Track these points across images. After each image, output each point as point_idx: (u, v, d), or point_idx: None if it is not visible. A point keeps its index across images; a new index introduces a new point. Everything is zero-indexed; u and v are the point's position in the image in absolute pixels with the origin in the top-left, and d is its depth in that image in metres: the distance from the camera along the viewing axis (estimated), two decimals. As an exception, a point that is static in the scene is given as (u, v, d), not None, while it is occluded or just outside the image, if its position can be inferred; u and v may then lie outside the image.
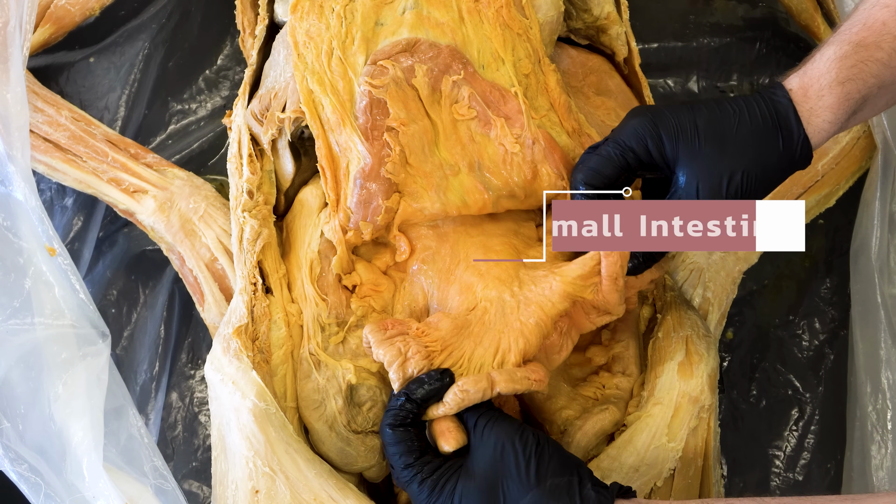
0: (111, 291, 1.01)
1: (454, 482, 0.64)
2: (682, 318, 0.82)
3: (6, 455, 0.70)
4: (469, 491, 0.63)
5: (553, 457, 0.64)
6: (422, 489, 0.65)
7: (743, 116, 0.68)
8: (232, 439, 0.73)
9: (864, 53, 0.68)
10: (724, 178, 0.68)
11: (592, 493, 0.62)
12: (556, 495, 0.61)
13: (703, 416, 0.79)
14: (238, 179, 0.84)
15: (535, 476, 0.63)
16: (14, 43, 0.87)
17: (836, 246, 1.02)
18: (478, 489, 0.63)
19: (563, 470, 0.63)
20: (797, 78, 0.70)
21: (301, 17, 0.81)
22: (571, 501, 0.61)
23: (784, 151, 0.68)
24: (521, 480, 0.62)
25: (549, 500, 0.61)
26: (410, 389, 0.68)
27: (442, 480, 0.64)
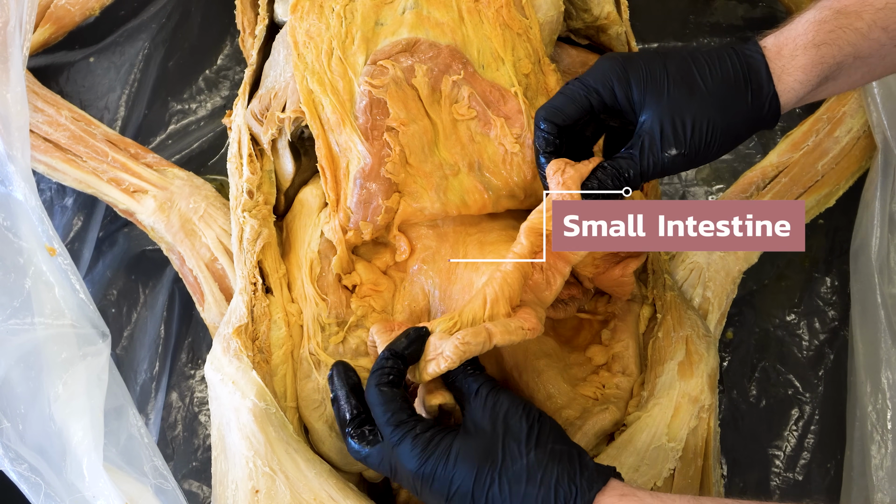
0: (111, 291, 1.01)
1: (450, 440, 0.62)
2: (682, 318, 0.82)
3: (6, 455, 0.70)
4: (467, 448, 0.61)
5: (554, 428, 0.64)
6: (416, 444, 0.62)
7: (714, 67, 0.68)
8: (232, 439, 0.73)
9: (843, 20, 0.67)
10: (688, 124, 0.67)
11: (592, 464, 0.62)
12: (557, 458, 0.61)
13: (703, 416, 0.79)
14: (238, 179, 0.84)
15: (538, 438, 0.62)
16: (14, 43, 0.87)
17: (836, 246, 1.02)
18: (475, 447, 0.61)
19: (563, 440, 0.63)
20: (773, 37, 0.69)
21: (301, 17, 0.81)
22: (571, 466, 0.60)
23: (752, 106, 0.68)
24: (522, 441, 0.61)
25: (549, 461, 0.60)
26: (393, 345, 0.66)
27: (437, 438, 0.62)
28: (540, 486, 0.60)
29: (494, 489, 0.60)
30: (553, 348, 0.81)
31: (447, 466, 0.61)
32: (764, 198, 0.93)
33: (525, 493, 0.60)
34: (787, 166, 0.95)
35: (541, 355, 0.79)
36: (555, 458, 0.61)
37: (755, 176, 0.95)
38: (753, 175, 0.95)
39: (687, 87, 0.67)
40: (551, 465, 0.60)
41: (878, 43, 0.68)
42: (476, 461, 0.61)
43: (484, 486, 0.60)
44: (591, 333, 0.83)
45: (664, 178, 1.05)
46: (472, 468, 0.61)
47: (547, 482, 0.60)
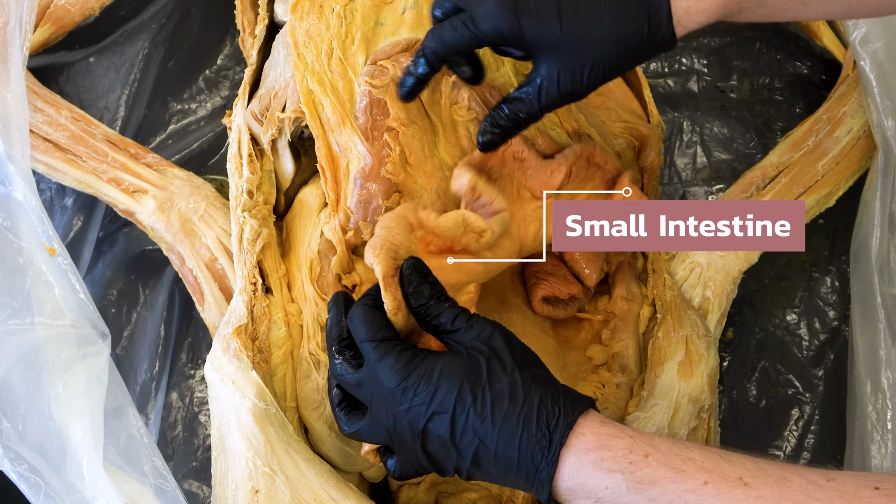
0: (111, 291, 1.01)
1: (434, 359, 0.61)
2: (682, 318, 0.82)
3: (6, 455, 0.70)
4: (450, 366, 0.60)
5: (536, 356, 0.64)
6: (398, 360, 0.61)
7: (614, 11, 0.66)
8: (232, 439, 0.73)
9: None
10: (587, 69, 0.66)
11: (573, 391, 0.61)
12: (541, 381, 0.60)
13: (703, 416, 0.79)
14: (238, 179, 0.84)
15: (522, 361, 0.61)
16: (14, 43, 0.87)
17: (836, 246, 1.02)
18: (459, 365, 0.61)
19: (546, 370, 0.63)
20: None
21: (301, 16, 0.81)
22: (555, 389, 0.60)
23: (648, 39, 0.67)
24: (507, 362, 0.61)
25: (533, 382, 0.60)
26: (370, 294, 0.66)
27: (420, 356, 0.61)
28: (523, 405, 0.59)
29: (477, 406, 0.59)
30: (553, 348, 0.81)
31: (429, 383, 0.60)
32: (764, 198, 0.93)
33: (507, 410, 0.59)
34: (787, 166, 0.95)
35: (541, 355, 0.78)
36: (538, 381, 0.60)
37: (755, 176, 0.95)
38: (753, 175, 0.95)
39: (582, 32, 0.66)
40: (535, 386, 0.60)
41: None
42: (459, 377, 0.60)
43: (465, 402, 0.59)
44: (590, 333, 0.83)
45: (664, 179, 1.06)
46: (454, 385, 0.60)
47: (530, 401, 0.59)
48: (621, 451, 0.57)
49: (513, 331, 0.78)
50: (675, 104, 1.09)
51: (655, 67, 1.11)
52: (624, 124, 0.89)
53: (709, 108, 1.09)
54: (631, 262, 0.86)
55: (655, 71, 1.11)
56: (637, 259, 0.86)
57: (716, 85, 1.10)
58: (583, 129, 0.83)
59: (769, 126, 1.08)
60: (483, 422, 0.59)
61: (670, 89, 1.10)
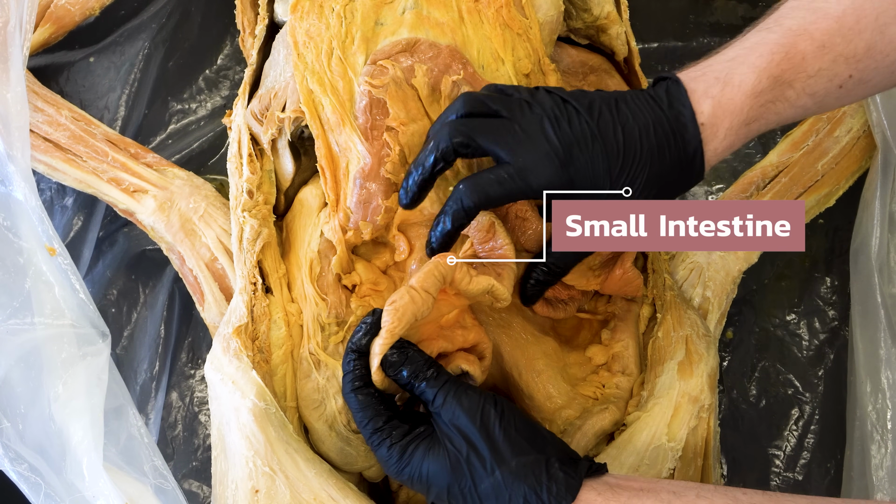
0: (111, 291, 1.01)
1: (423, 451, 0.63)
2: (682, 318, 0.82)
3: (6, 455, 0.70)
4: (436, 466, 0.63)
5: (519, 431, 0.63)
6: (391, 453, 0.64)
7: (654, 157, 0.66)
8: (232, 439, 0.73)
9: (778, 91, 0.66)
10: None
11: (560, 474, 0.61)
12: (522, 475, 0.60)
13: (703, 416, 0.79)
14: (238, 179, 0.84)
15: (503, 454, 0.62)
16: (14, 43, 0.87)
17: (836, 246, 1.02)
18: (443, 465, 0.62)
19: (529, 446, 0.62)
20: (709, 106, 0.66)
21: (301, 16, 0.81)
22: (538, 481, 0.60)
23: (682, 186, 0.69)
24: (486, 459, 0.61)
25: (513, 481, 0.60)
26: (353, 342, 0.66)
27: (411, 448, 0.64)
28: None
29: (469, 501, 0.62)
30: (553, 348, 0.81)
31: (422, 479, 0.63)
32: (764, 198, 0.93)
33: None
34: (787, 166, 0.95)
35: (540, 355, 0.79)
36: (519, 477, 0.61)
37: (755, 176, 0.95)
38: (753, 175, 0.95)
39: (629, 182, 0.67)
40: (517, 484, 0.60)
41: (803, 109, 0.68)
42: (446, 479, 0.62)
43: (457, 499, 0.62)
44: (590, 333, 0.83)
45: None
46: (444, 485, 0.62)
47: (515, 501, 0.60)
48: None
49: (512, 331, 0.78)
50: (675, 104, 1.09)
51: (656, 67, 1.11)
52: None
53: (709, 108, 1.09)
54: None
55: (655, 71, 1.11)
56: (637, 259, 0.86)
57: (716, 85, 1.10)
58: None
59: (769, 126, 1.08)
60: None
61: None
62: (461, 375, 0.71)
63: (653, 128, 0.66)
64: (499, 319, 0.79)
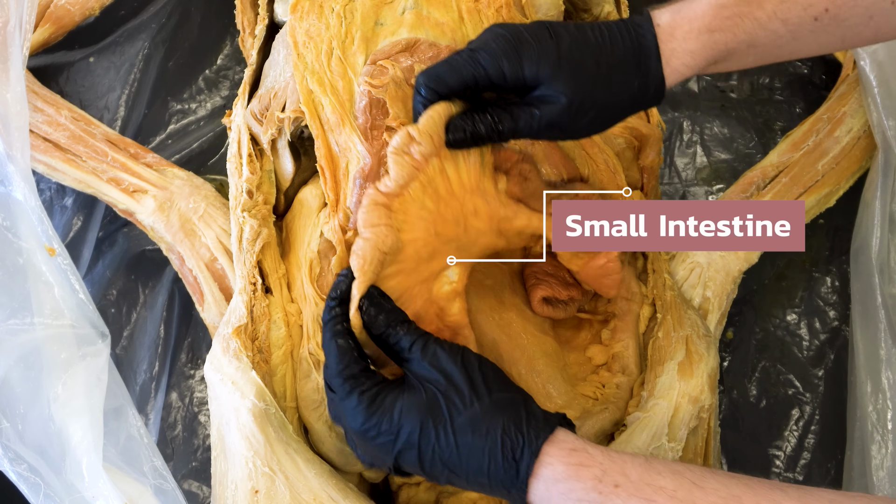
0: (111, 291, 1.01)
1: (395, 396, 0.62)
2: (682, 318, 0.82)
3: (6, 455, 0.70)
4: (410, 404, 0.61)
5: (497, 374, 0.63)
6: (362, 399, 0.62)
7: (605, 48, 0.67)
8: (231, 439, 0.73)
9: (744, 7, 0.66)
10: (574, 103, 0.66)
11: (539, 410, 0.61)
12: (502, 407, 0.60)
13: (703, 416, 0.79)
14: (238, 179, 0.84)
15: (480, 388, 0.61)
16: (14, 43, 0.87)
17: (836, 246, 1.02)
18: (419, 402, 0.61)
19: (506, 387, 0.62)
20: (669, 14, 0.68)
21: (301, 16, 0.81)
22: (517, 414, 0.60)
23: (638, 88, 0.67)
24: (465, 392, 0.61)
25: (494, 412, 0.60)
26: (332, 292, 0.66)
27: (383, 394, 0.62)
28: (486, 437, 0.59)
29: (441, 442, 0.60)
30: (553, 348, 0.81)
31: (392, 423, 0.61)
32: (764, 198, 0.92)
33: (472, 444, 0.59)
34: (787, 166, 0.95)
35: (540, 355, 0.79)
36: (499, 408, 0.60)
37: (755, 176, 0.95)
38: (753, 175, 0.95)
39: (575, 66, 0.66)
40: (496, 414, 0.60)
41: (774, 34, 0.67)
42: (420, 416, 0.61)
43: (430, 439, 0.60)
44: (590, 333, 0.83)
45: (664, 179, 1.06)
46: (416, 423, 0.61)
47: (493, 434, 0.59)
48: (590, 481, 0.57)
49: (512, 331, 0.78)
50: (675, 104, 1.09)
51: (655, 67, 1.11)
52: (624, 124, 0.89)
53: (709, 108, 1.09)
54: (631, 261, 0.86)
55: (655, 71, 1.11)
56: (637, 259, 0.86)
57: (716, 85, 1.10)
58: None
59: (769, 126, 1.08)
60: (450, 455, 0.60)
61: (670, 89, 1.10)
62: None
63: (608, 28, 0.68)
64: (499, 319, 0.79)
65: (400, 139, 0.68)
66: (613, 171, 0.83)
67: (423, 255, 0.70)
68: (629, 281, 0.84)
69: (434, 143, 0.68)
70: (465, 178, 0.72)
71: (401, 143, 0.68)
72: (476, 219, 0.73)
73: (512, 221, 0.74)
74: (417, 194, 0.69)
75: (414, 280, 0.70)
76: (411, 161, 0.68)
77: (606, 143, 0.85)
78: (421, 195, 0.69)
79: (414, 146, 0.68)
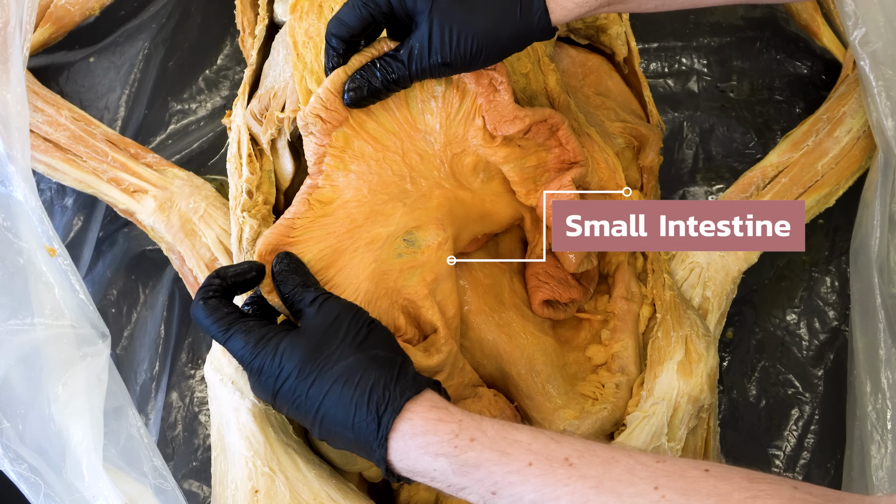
0: (111, 291, 1.01)
1: (282, 335, 0.63)
2: (682, 318, 0.82)
3: (6, 455, 0.70)
4: (294, 346, 0.62)
5: (384, 334, 0.65)
6: (248, 339, 0.63)
7: None
8: (231, 439, 0.73)
9: None
10: (455, 36, 0.67)
11: (412, 371, 0.63)
12: (379, 363, 0.62)
13: (703, 416, 0.79)
14: (238, 179, 0.84)
15: (364, 342, 0.63)
16: (14, 43, 0.87)
17: (836, 246, 1.02)
18: (303, 345, 0.62)
19: (390, 348, 0.64)
20: None
21: (300, 17, 0.81)
22: (390, 372, 0.61)
23: (521, 20, 0.68)
24: (349, 343, 0.62)
25: (369, 365, 0.61)
26: (225, 269, 0.67)
27: (269, 335, 0.63)
28: (356, 388, 0.60)
29: (315, 386, 0.61)
30: (552, 348, 0.81)
31: (274, 361, 0.62)
32: (764, 198, 0.92)
33: (342, 392, 0.61)
34: (787, 166, 0.95)
35: (540, 355, 0.79)
36: (376, 363, 0.61)
37: (755, 176, 0.95)
38: (753, 175, 0.95)
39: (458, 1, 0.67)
40: (371, 368, 0.61)
41: None
42: (301, 358, 0.62)
43: (306, 381, 0.61)
44: (590, 333, 0.83)
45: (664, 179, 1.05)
46: (296, 364, 0.62)
47: (363, 384, 0.60)
48: (447, 434, 0.58)
49: (511, 330, 0.78)
50: (675, 104, 1.09)
51: (655, 67, 1.11)
52: (624, 124, 0.89)
53: (709, 108, 1.09)
54: (631, 261, 0.86)
55: (655, 71, 1.11)
56: (637, 259, 0.86)
57: (716, 85, 1.10)
58: (582, 127, 0.83)
59: (769, 126, 1.08)
60: (322, 400, 0.61)
61: (670, 89, 1.10)
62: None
63: None
64: (498, 319, 0.79)
65: (300, 118, 0.71)
66: (613, 171, 0.83)
67: (357, 217, 0.71)
68: (629, 281, 0.84)
69: (335, 113, 0.70)
70: (394, 126, 0.72)
71: (303, 123, 0.71)
72: (424, 165, 0.73)
73: (462, 157, 0.74)
74: (338, 163, 0.71)
75: (347, 244, 0.71)
76: (315, 138, 0.71)
77: (606, 142, 0.85)
78: (344, 161, 0.71)
79: (316, 123, 0.70)
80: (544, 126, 0.75)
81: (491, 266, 0.81)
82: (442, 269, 0.74)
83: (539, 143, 0.76)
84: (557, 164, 0.77)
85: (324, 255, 0.70)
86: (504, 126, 0.73)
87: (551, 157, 0.77)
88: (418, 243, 0.73)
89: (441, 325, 0.72)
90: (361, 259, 0.71)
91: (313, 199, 0.72)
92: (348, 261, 0.71)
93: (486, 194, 0.77)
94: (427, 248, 0.73)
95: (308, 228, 0.71)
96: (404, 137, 0.73)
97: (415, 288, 0.72)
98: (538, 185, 0.77)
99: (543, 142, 0.76)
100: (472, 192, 0.76)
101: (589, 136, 0.82)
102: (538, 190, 0.77)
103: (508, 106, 0.73)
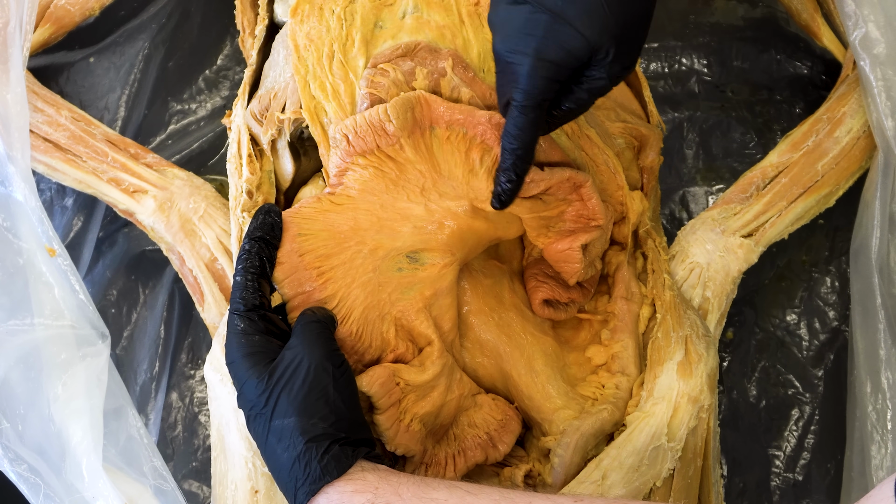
0: (111, 291, 1.01)
1: (264, 361, 0.63)
2: (682, 318, 0.82)
3: (6, 455, 0.70)
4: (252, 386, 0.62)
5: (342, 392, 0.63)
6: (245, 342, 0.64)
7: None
8: (231, 439, 0.73)
9: None
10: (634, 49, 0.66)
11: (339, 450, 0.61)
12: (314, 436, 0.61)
13: (703, 416, 0.79)
14: (238, 179, 0.84)
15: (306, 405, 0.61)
16: (14, 43, 0.87)
17: (836, 246, 1.02)
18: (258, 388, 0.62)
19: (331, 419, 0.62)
20: None
21: (301, 20, 0.81)
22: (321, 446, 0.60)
23: None
24: (294, 400, 0.61)
25: (301, 434, 0.60)
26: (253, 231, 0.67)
27: (264, 355, 0.64)
28: (286, 451, 0.60)
29: (261, 427, 0.62)
30: (552, 348, 0.81)
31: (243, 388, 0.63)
32: (764, 198, 0.92)
33: (276, 447, 0.61)
34: (787, 166, 0.95)
35: (540, 355, 0.79)
36: (308, 434, 0.60)
37: (755, 176, 0.95)
38: (753, 175, 0.95)
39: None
40: (300, 438, 0.60)
41: None
42: (253, 397, 0.62)
43: (256, 421, 0.62)
44: (590, 333, 0.83)
45: (664, 179, 1.05)
46: (252, 403, 0.62)
47: (291, 452, 0.60)
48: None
49: (511, 330, 0.78)
50: (675, 104, 1.09)
51: (655, 67, 1.11)
52: (624, 124, 0.89)
53: (709, 108, 1.09)
54: (631, 262, 0.86)
55: (655, 71, 1.11)
56: (637, 259, 0.86)
57: (716, 85, 1.10)
58: (582, 129, 0.83)
59: (769, 126, 1.08)
60: (264, 444, 0.62)
61: (670, 89, 1.10)
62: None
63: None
64: (498, 319, 0.79)
65: (333, 128, 0.73)
66: (613, 172, 0.82)
67: (363, 222, 0.71)
68: (629, 281, 0.84)
69: (361, 141, 0.72)
70: (421, 165, 0.73)
71: (332, 134, 0.74)
72: (441, 201, 0.74)
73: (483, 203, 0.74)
74: (358, 180, 0.72)
75: (351, 242, 0.71)
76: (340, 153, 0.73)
77: (606, 143, 0.85)
78: (364, 180, 0.72)
79: (343, 142, 0.72)
80: (567, 183, 0.76)
81: (490, 266, 0.81)
82: (443, 285, 0.74)
83: (561, 199, 0.77)
84: (575, 216, 0.77)
85: (326, 241, 0.70)
86: (524, 188, 0.73)
87: (570, 210, 0.77)
88: (422, 261, 0.73)
89: (435, 338, 0.72)
90: (362, 263, 0.71)
91: (324, 197, 0.72)
92: (349, 259, 0.70)
93: (500, 222, 0.77)
94: (431, 266, 0.73)
95: (313, 219, 0.71)
96: (427, 177, 0.73)
97: (409, 301, 0.72)
98: (550, 231, 0.78)
99: (565, 196, 0.77)
100: (486, 221, 0.76)
101: (588, 138, 0.82)
102: (549, 235, 0.78)
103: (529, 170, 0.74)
